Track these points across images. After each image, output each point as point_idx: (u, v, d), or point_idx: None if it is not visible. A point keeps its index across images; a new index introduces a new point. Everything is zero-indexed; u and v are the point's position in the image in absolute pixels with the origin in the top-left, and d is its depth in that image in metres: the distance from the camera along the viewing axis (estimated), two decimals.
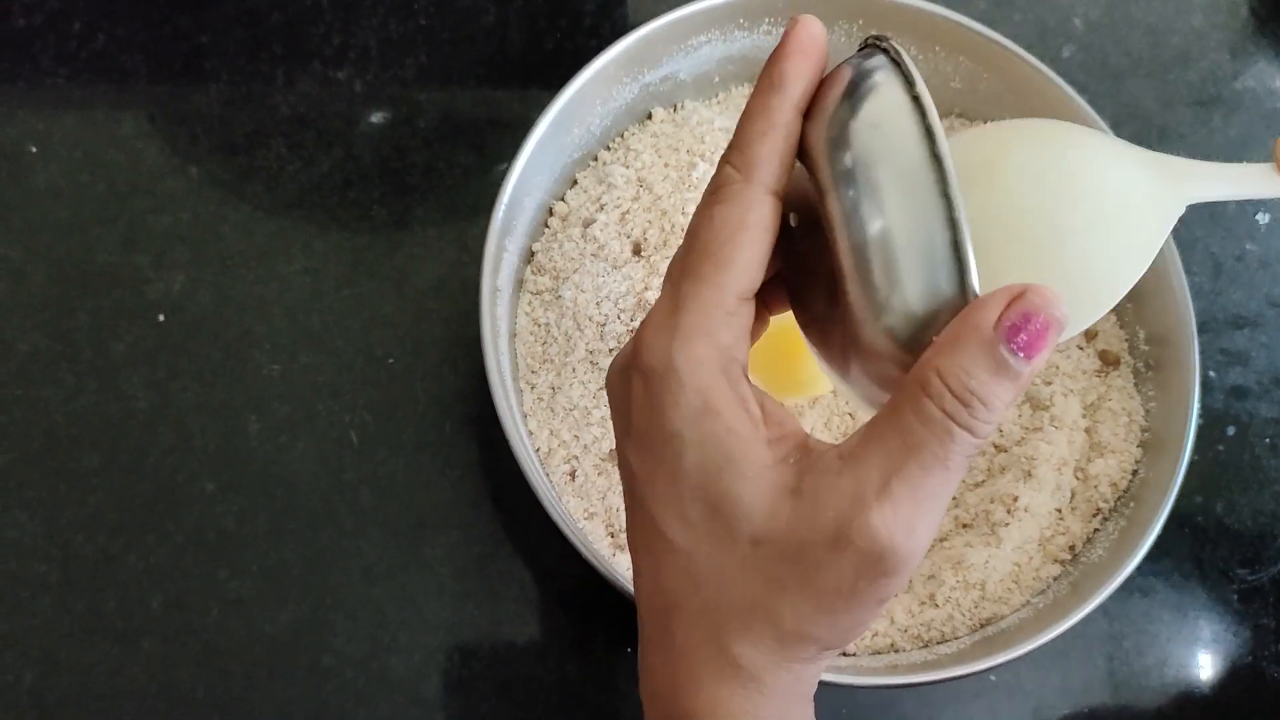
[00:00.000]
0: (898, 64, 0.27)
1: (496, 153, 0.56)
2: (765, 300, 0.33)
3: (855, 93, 0.27)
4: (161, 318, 0.51)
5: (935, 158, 0.25)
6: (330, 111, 0.56)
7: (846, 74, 0.28)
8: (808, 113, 0.28)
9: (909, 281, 0.26)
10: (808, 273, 0.31)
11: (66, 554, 0.47)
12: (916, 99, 0.26)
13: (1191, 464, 0.50)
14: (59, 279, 0.52)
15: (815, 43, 0.28)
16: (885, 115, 0.26)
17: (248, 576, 0.48)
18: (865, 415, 0.29)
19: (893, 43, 0.28)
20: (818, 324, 0.31)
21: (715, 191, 0.28)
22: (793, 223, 0.31)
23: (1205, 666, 0.53)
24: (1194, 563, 0.54)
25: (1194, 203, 0.32)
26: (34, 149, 0.53)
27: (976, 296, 0.25)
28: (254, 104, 0.56)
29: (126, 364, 0.51)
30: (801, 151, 0.28)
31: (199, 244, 0.53)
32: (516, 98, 0.58)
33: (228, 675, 0.47)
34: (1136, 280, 0.30)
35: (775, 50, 0.28)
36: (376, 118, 0.56)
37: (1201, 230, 0.61)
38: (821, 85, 0.28)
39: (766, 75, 0.28)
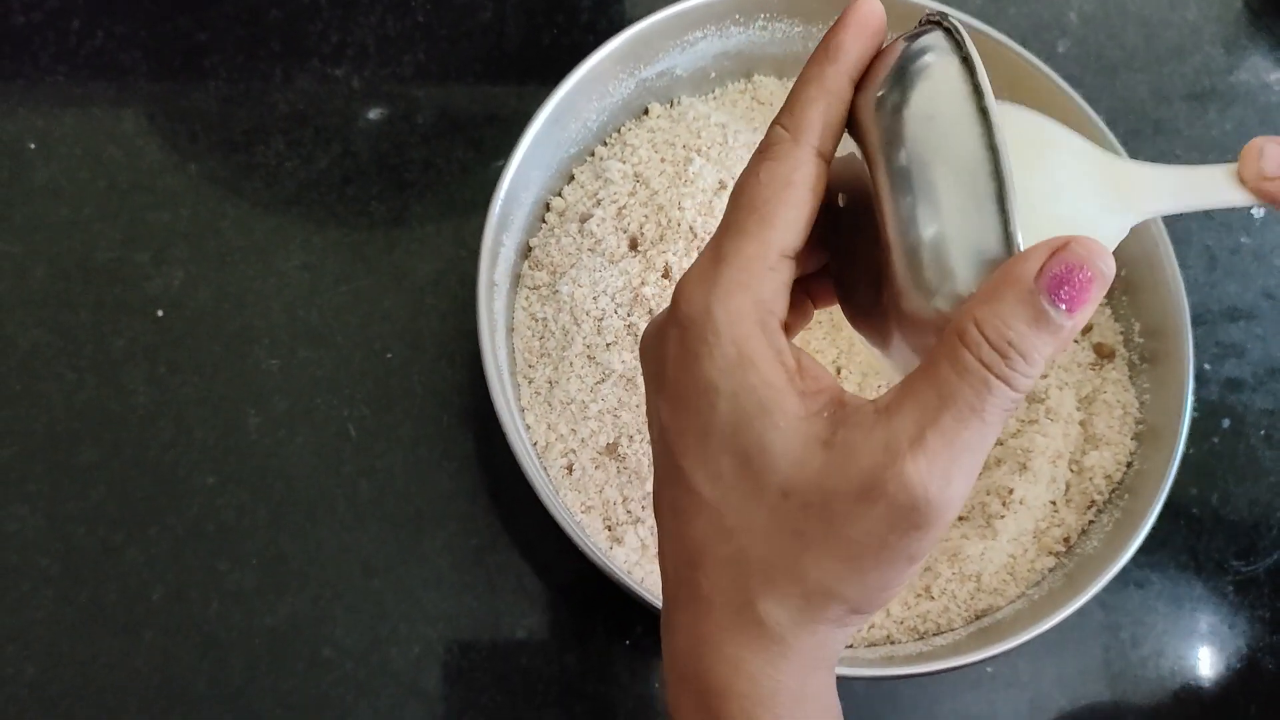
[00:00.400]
0: (958, 44, 0.26)
1: (494, 149, 0.57)
2: (811, 293, 0.33)
3: (908, 74, 0.26)
4: (161, 313, 0.52)
5: (992, 149, 0.25)
6: (328, 108, 0.56)
7: (900, 51, 0.27)
8: (860, 86, 0.28)
9: (961, 273, 0.25)
10: (852, 253, 0.31)
11: (68, 547, 0.48)
12: (977, 88, 0.26)
13: (1187, 456, 0.50)
14: (59, 275, 0.52)
15: (875, 19, 0.28)
16: (940, 104, 0.26)
17: (248, 569, 0.48)
18: None
19: (953, 20, 0.27)
20: (861, 299, 0.31)
21: (764, 150, 0.28)
22: (841, 202, 0.31)
23: (1201, 658, 0.53)
24: (1190, 554, 0.54)
25: (1146, 219, 0.33)
26: (34, 146, 0.54)
27: (1018, 249, 0.25)
28: (253, 101, 0.56)
29: (127, 359, 0.51)
30: (851, 123, 0.28)
31: (198, 240, 0.53)
32: (514, 94, 0.58)
33: (228, 667, 0.47)
34: None
35: (835, 23, 0.28)
36: (374, 114, 0.57)
37: (1196, 223, 0.61)
38: (876, 60, 0.28)
39: (823, 46, 0.28)
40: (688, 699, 0.28)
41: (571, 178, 0.53)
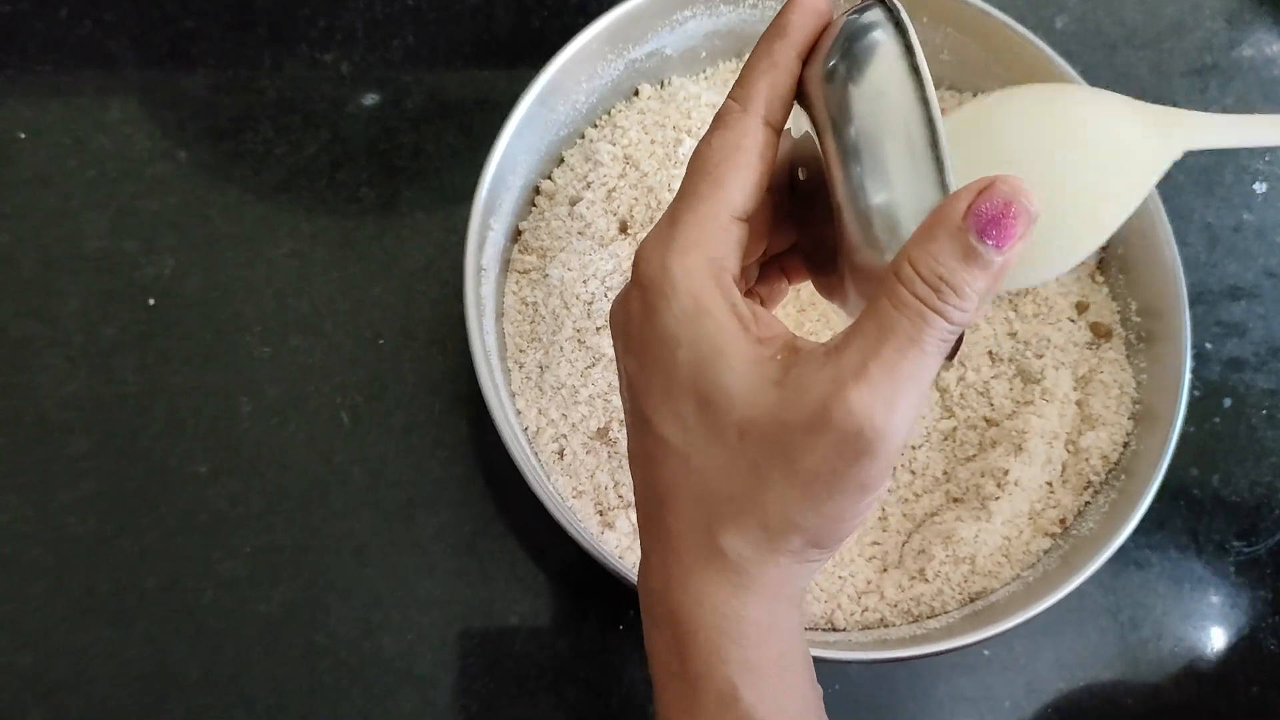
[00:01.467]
0: (896, 23, 0.28)
1: (484, 133, 0.56)
2: (785, 269, 0.35)
3: (850, 51, 0.28)
4: (151, 302, 0.52)
5: (929, 120, 0.27)
6: (317, 94, 0.56)
7: (843, 27, 0.29)
8: (808, 60, 0.30)
9: (906, 228, 0.27)
10: (814, 223, 0.32)
11: (60, 537, 0.48)
12: (913, 63, 0.27)
13: (1187, 436, 0.49)
14: (49, 265, 0.52)
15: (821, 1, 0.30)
16: (879, 78, 0.27)
17: (241, 558, 0.48)
18: None
19: None
20: (826, 267, 0.32)
21: (717, 120, 0.30)
22: (801, 176, 0.32)
23: (1202, 639, 0.52)
24: (1190, 535, 0.54)
25: (1192, 149, 0.34)
26: (22, 135, 0.54)
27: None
28: (241, 88, 0.56)
29: (117, 348, 0.51)
30: (801, 96, 0.30)
31: (188, 228, 0.53)
32: (504, 77, 0.58)
33: (222, 655, 0.47)
34: (1123, 219, 0.33)
35: (785, 3, 0.30)
36: (364, 100, 0.56)
37: (1198, 200, 0.60)
38: (823, 36, 0.30)
39: (773, 24, 0.30)
40: (660, 636, 0.30)
41: (561, 160, 0.52)
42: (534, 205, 0.51)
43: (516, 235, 0.51)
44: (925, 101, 0.27)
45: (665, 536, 0.30)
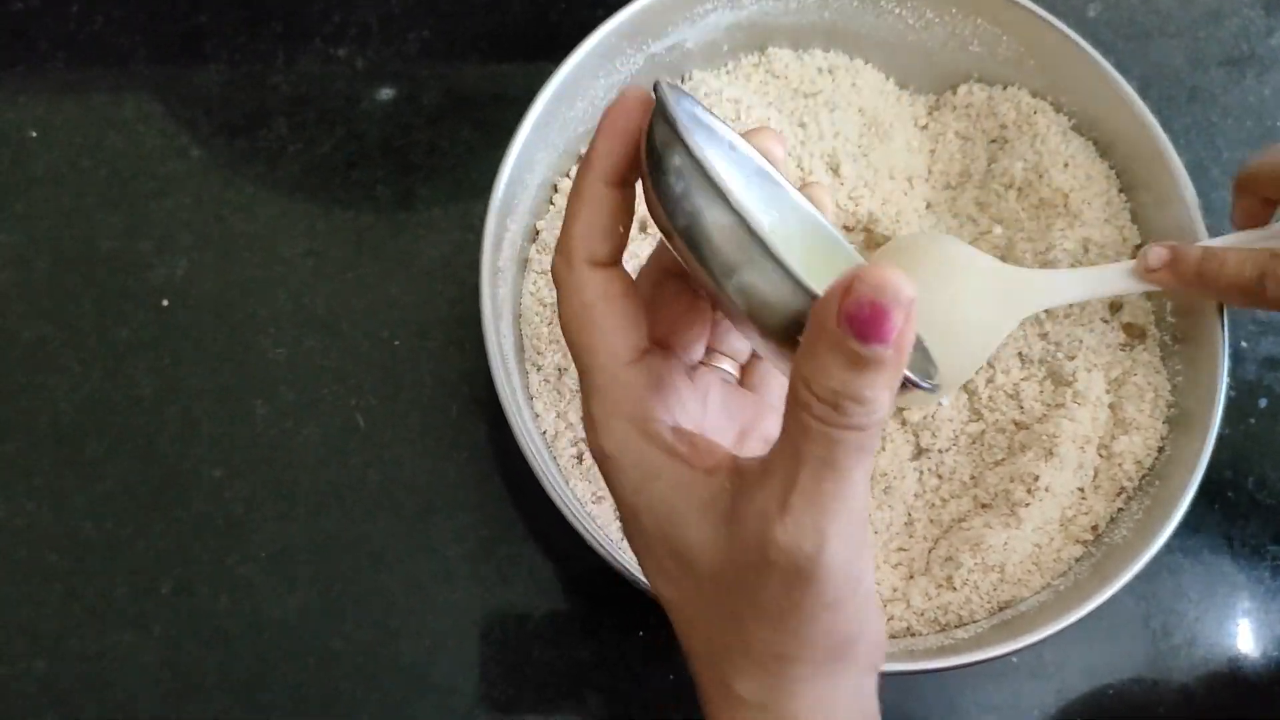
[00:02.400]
0: (666, 119, 0.26)
1: (501, 129, 0.54)
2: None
3: (651, 163, 0.27)
4: (166, 303, 0.51)
5: (744, 226, 0.25)
6: (331, 90, 0.55)
7: (644, 141, 0.28)
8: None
9: (769, 313, 0.26)
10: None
11: (75, 541, 0.47)
12: (701, 167, 0.25)
13: (1222, 438, 0.48)
14: (62, 266, 0.51)
15: (624, 120, 0.28)
16: (686, 189, 0.26)
17: (256, 562, 0.48)
18: None
19: (662, 90, 0.27)
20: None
21: (556, 284, 0.30)
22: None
23: (1236, 646, 0.51)
24: (1225, 539, 0.52)
25: (1036, 311, 0.45)
26: (34, 134, 0.53)
27: (818, 296, 0.24)
28: (254, 84, 0.55)
29: (131, 350, 0.50)
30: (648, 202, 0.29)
31: (201, 228, 0.52)
32: (521, 72, 0.57)
33: (238, 660, 0.46)
34: (974, 371, 0.44)
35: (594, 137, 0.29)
36: (379, 95, 0.55)
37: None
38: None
39: (585, 154, 0.29)
40: None
41: (579, 158, 0.51)
42: (551, 204, 0.50)
43: (534, 234, 0.50)
44: (726, 202, 0.25)
45: (700, 687, 0.30)
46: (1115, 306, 0.50)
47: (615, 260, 0.29)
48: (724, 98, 0.51)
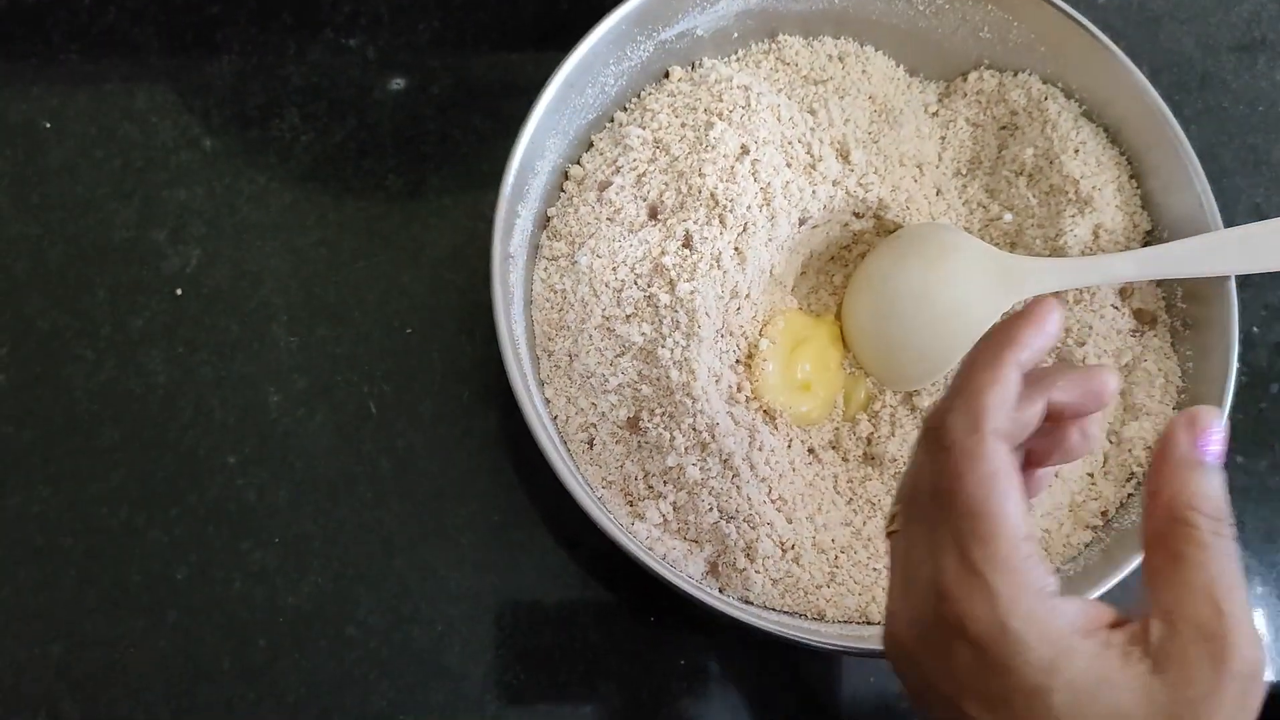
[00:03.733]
0: None
1: (512, 118, 0.54)
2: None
3: None
4: (179, 292, 0.51)
5: None
6: (343, 80, 0.55)
7: None
8: None
9: None
10: None
11: (90, 528, 0.48)
12: None
13: (1234, 422, 0.48)
14: (77, 256, 0.52)
15: (1053, 325, 0.31)
16: None
17: (270, 548, 0.48)
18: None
19: None
20: None
21: (955, 449, 0.30)
22: None
23: (1256, 574, 0.51)
24: (1237, 524, 0.52)
25: (1030, 295, 0.45)
26: (48, 125, 0.53)
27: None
28: (266, 74, 0.55)
29: (145, 339, 0.51)
30: None
31: (214, 217, 0.53)
32: (531, 60, 0.57)
33: (252, 646, 0.47)
34: (960, 355, 0.41)
35: (1016, 316, 0.32)
36: (390, 86, 0.56)
37: (1245, 181, 0.58)
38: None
39: (1001, 331, 0.31)
40: None
41: (590, 145, 0.51)
42: (562, 191, 0.50)
43: (545, 222, 0.50)
44: None
45: None
46: (1126, 293, 0.50)
47: (1014, 441, 0.31)
48: (734, 85, 0.51)
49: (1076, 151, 0.50)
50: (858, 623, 0.45)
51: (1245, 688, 0.27)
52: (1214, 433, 0.30)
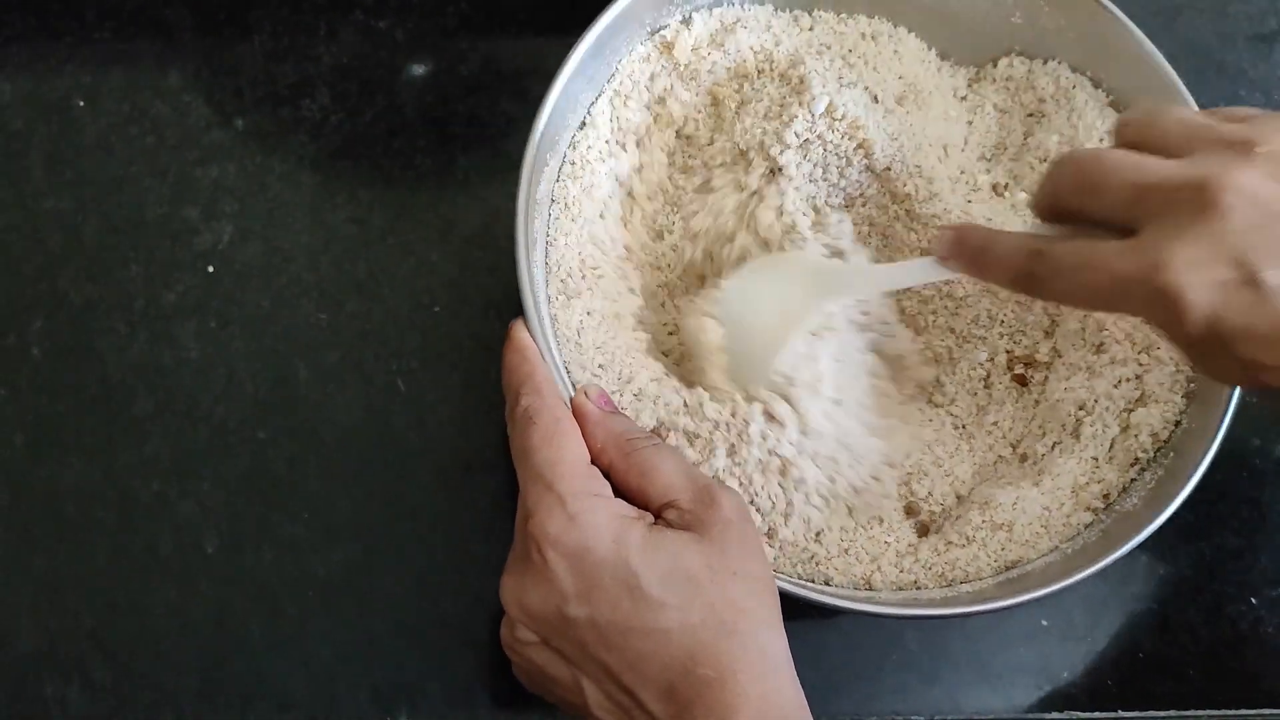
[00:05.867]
0: None
1: (539, 100, 0.56)
2: None
3: None
4: (211, 268, 0.52)
5: None
6: (373, 61, 0.56)
7: None
8: None
9: None
10: None
11: (123, 498, 0.48)
12: None
13: (1249, 406, 0.49)
14: (110, 231, 0.52)
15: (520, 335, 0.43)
16: None
17: (299, 520, 0.49)
18: None
19: None
20: None
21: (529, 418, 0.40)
22: None
23: (1263, 609, 0.52)
24: (1252, 505, 0.53)
25: (843, 299, 0.47)
26: (82, 103, 0.54)
27: None
28: (297, 55, 0.56)
29: (178, 314, 0.51)
30: None
31: (246, 195, 0.53)
32: (558, 43, 0.57)
33: (282, 616, 0.47)
34: (783, 349, 0.45)
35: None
36: (419, 68, 0.56)
37: None
38: None
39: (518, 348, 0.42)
40: None
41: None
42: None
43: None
44: None
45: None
46: None
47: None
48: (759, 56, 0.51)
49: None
50: (861, 588, 0.46)
51: (739, 520, 0.38)
52: (602, 393, 0.42)
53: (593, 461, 0.39)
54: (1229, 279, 0.33)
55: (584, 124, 0.50)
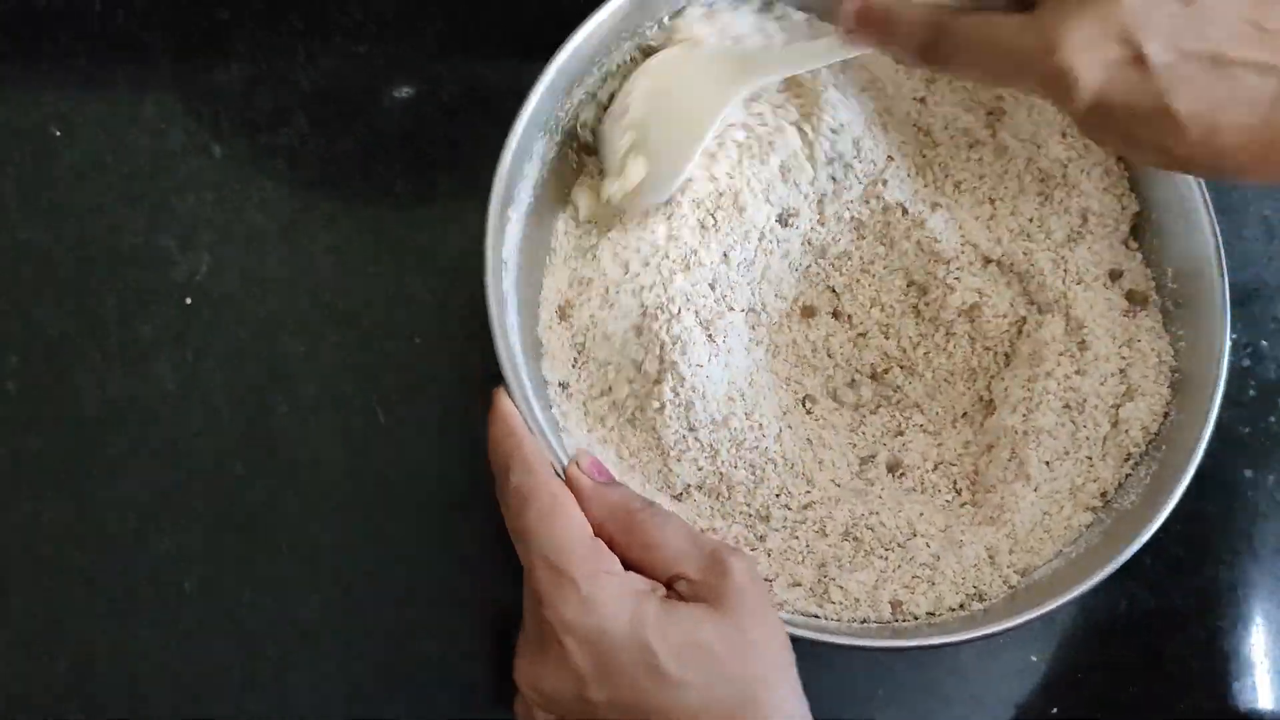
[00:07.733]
0: None
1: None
2: None
3: None
4: (188, 300, 0.51)
5: None
6: (352, 86, 0.55)
7: None
8: None
9: None
10: None
11: (99, 537, 0.48)
12: None
13: (1241, 437, 0.49)
14: (86, 262, 0.51)
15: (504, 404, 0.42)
16: None
17: (279, 558, 0.48)
18: None
19: None
20: None
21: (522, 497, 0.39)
22: None
23: (1255, 643, 0.51)
24: (1245, 538, 0.53)
25: (756, 88, 0.47)
26: (58, 132, 0.53)
27: None
28: (275, 80, 0.55)
29: (154, 346, 0.50)
30: None
31: (224, 224, 0.52)
32: (538, 66, 0.57)
33: (262, 657, 0.47)
34: (698, 150, 0.46)
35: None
36: (398, 92, 0.55)
37: (1253, 193, 0.58)
38: None
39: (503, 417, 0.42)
40: None
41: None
42: None
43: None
44: None
45: None
46: (1115, 274, 0.50)
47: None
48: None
49: (1064, 135, 0.50)
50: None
51: (751, 586, 0.36)
52: (595, 461, 0.40)
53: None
54: (1117, 57, 0.34)
55: None
